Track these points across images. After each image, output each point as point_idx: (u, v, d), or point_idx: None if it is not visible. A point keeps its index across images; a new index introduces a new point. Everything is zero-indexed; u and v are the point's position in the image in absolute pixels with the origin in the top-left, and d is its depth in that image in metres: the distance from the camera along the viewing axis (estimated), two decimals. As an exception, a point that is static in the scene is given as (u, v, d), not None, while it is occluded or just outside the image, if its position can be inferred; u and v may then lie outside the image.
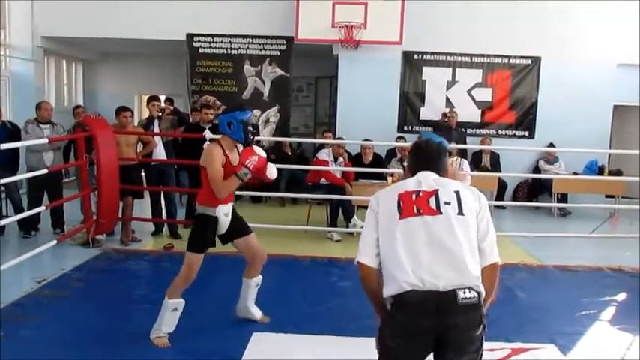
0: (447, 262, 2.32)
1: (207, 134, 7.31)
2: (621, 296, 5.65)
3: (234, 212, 4.25)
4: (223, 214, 4.12)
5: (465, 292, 2.28)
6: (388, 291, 2.37)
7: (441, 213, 2.39)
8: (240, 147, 4.11)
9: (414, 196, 2.45)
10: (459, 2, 10.11)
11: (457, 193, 2.46)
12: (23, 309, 4.68)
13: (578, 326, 4.76)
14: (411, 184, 2.52)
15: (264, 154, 4.05)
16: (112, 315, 4.63)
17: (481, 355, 2.42)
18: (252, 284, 4.42)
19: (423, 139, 2.78)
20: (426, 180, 2.52)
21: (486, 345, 4.15)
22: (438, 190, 2.46)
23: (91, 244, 6.69)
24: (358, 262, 2.49)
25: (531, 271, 6.35)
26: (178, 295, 4.03)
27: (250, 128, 4.03)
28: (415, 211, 2.40)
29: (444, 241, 2.34)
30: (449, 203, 2.42)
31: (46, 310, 4.69)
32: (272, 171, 4.15)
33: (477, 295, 2.32)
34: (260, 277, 4.44)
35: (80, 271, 5.86)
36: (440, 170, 2.63)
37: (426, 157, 2.66)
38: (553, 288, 5.81)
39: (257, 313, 4.52)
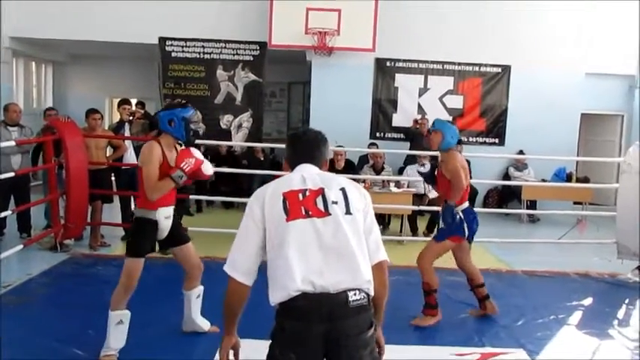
0: (338, 264, 2.22)
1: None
2: (588, 301, 5.75)
3: (174, 218, 4.11)
4: (164, 217, 3.96)
5: (355, 294, 2.20)
6: (276, 298, 2.23)
7: (330, 214, 2.28)
8: (179, 146, 4.03)
9: (300, 196, 2.31)
10: (432, 11, 10.22)
11: (343, 191, 2.36)
12: (-13, 315, 4.58)
13: (547, 331, 4.82)
14: (295, 182, 2.37)
15: (201, 157, 3.93)
16: (79, 321, 4.54)
17: (377, 355, 2.34)
18: (193, 296, 4.25)
19: (300, 129, 2.65)
20: (310, 176, 2.40)
21: (456, 350, 4.24)
22: (324, 189, 2.34)
23: (59, 248, 6.58)
24: (231, 277, 2.32)
25: (500, 277, 6.42)
26: (122, 306, 3.84)
27: (192, 126, 3.94)
28: (303, 213, 2.27)
29: (335, 244, 2.24)
30: (336, 202, 2.31)
31: (12, 316, 4.58)
32: (207, 168, 4.00)
33: (366, 297, 2.24)
34: (201, 287, 4.29)
35: (47, 277, 5.77)
36: (320, 162, 2.53)
37: (304, 147, 2.53)
38: (522, 293, 5.88)
39: (204, 324, 4.36)
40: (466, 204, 4.84)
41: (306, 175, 2.40)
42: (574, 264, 6.91)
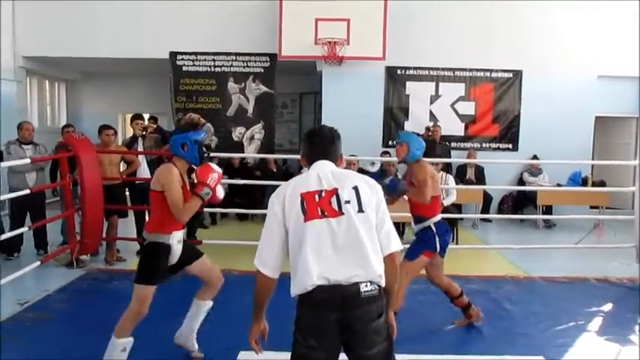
0: (351, 261, 2.40)
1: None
2: (608, 306, 5.67)
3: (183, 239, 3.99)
4: (177, 241, 3.85)
5: (366, 286, 2.39)
6: (295, 291, 2.46)
7: (343, 213, 2.46)
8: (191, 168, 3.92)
9: (316, 197, 2.48)
10: (441, 17, 10.23)
11: (356, 189, 2.52)
12: (5, 332, 4.58)
13: (567, 338, 4.76)
14: (312, 183, 2.53)
15: (220, 170, 3.88)
16: (96, 337, 4.50)
17: (392, 341, 2.52)
18: (204, 308, 4.10)
19: (316, 126, 2.80)
20: (325, 175, 2.55)
21: (475, 358, 4.20)
22: (337, 189, 2.50)
23: (75, 264, 6.61)
24: (259, 271, 2.54)
25: (518, 284, 6.36)
26: (128, 333, 3.73)
27: (204, 149, 3.85)
28: (319, 213, 2.45)
29: (348, 242, 2.42)
30: (349, 202, 2.48)
31: (30, 333, 4.61)
32: (219, 190, 3.91)
33: (377, 288, 2.42)
34: (211, 302, 4.14)
35: (64, 293, 5.79)
36: (335, 157, 2.69)
37: (320, 144, 2.70)
38: (540, 299, 5.81)
39: (195, 344, 4.14)
40: (438, 217, 4.71)
41: (322, 175, 2.56)
42: (592, 269, 6.83)
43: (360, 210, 2.47)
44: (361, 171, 8.81)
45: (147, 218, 7.46)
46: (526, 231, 9.61)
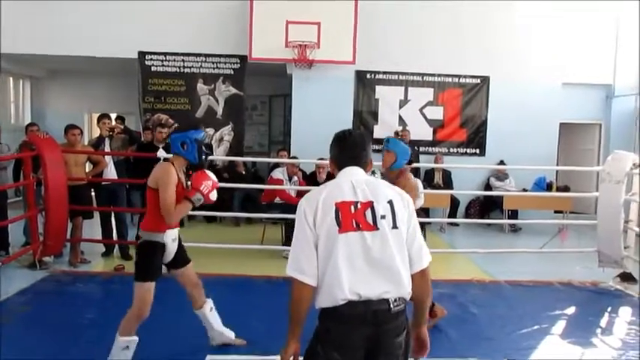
0: (383, 276, 2.36)
1: (161, 153, 7.20)
2: (571, 310, 5.78)
3: (178, 238, 4.09)
4: (171, 239, 3.94)
5: (396, 301, 2.36)
6: (322, 303, 2.38)
7: (378, 228, 2.39)
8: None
9: (352, 208, 2.41)
10: (411, 22, 10.30)
11: (390, 204, 2.45)
12: (-36, 336, 4.47)
13: (531, 341, 4.83)
14: (347, 192, 2.45)
15: (216, 178, 3.95)
16: (59, 341, 4.46)
17: (407, 356, 2.51)
18: (207, 311, 4.24)
19: (345, 129, 2.71)
20: (360, 185, 2.47)
21: (442, 362, 4.22)
22: (373, 203, 2.43)
23: (38, 266, 6.47)
24: (298, 280, 2.39)
25: (484, 287, 6.44)
26: (131, 332, 3.76)
27: (204, 148, 3.92)
28: (354, 226, 2.38)
29: (381, 258, 2.37)
30: (384, 217, 2.41)
31: (-11, 337, 4.49)
32: (213, 193, 3.98)
33: (404, 303, 2.41)
34: (210, 300, 4.28)
35: (26, 295, 5.67)
36: (365, 163, 2.61)
37: (351, 149, 2.62)
38: (506, 303, 5.89)
39: (230, 333, 4.37)
40: None
41: (355, 184, 2.49)
42: (556, 273, 6.95)
43: (395, 226, 2.42)
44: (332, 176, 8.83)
45: (113, 220, 7.40)
46: (492, 235, 9.73)
